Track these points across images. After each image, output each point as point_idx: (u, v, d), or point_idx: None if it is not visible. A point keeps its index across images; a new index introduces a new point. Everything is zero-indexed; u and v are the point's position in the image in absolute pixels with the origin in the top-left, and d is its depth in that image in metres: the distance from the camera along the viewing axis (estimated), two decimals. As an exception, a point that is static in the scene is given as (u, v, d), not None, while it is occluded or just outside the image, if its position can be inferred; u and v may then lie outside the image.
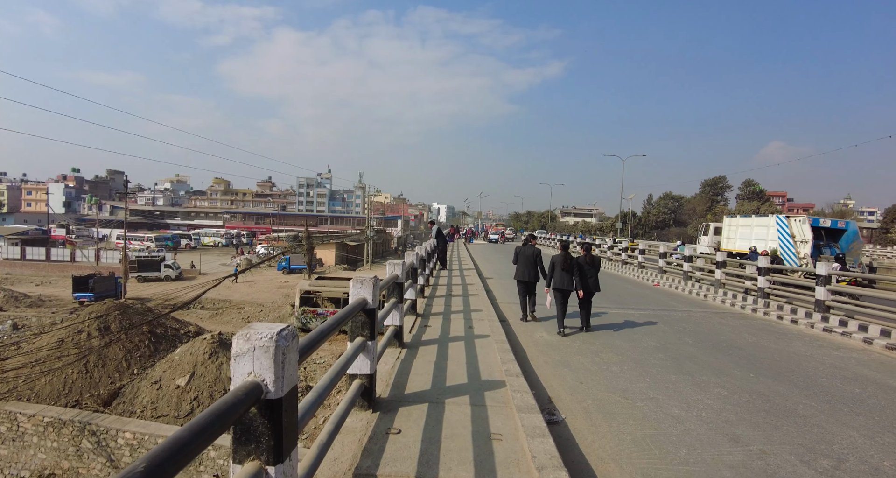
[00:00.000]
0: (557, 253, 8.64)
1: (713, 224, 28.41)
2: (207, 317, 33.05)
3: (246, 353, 1.82)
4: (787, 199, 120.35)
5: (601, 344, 7.64)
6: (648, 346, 7.71)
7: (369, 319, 3.66)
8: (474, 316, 8.12)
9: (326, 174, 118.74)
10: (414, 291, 7.54)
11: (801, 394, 5.66)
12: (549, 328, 8.50)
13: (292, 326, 1.96)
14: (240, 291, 42.09)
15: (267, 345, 1.80)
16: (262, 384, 1.80)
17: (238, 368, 1.83)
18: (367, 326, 3.65)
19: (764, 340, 8.65)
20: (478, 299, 10.11)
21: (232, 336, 18.45)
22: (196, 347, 16.93)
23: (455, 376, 4.88)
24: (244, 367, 1.83)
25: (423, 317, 7.80)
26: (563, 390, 5.41)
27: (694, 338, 8.47)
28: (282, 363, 1.83)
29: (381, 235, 58.42)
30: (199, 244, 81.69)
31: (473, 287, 12.21)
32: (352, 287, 3.65)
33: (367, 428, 3.50)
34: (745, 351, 7.72)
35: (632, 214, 79.48)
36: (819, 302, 10.15)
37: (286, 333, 1.87)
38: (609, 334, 8.38)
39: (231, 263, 55.49)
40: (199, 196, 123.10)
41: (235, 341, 1.83)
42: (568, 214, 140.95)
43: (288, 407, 1.87)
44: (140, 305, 23.01)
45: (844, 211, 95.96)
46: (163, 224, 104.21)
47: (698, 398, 5.33)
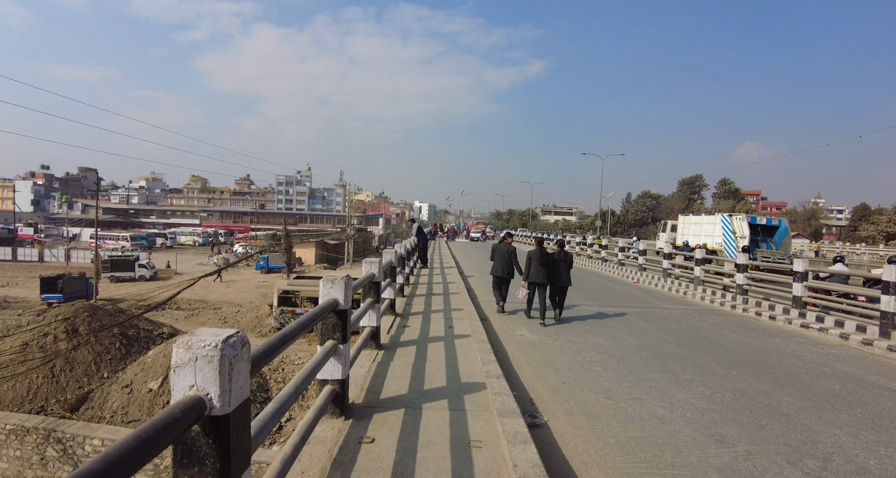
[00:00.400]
0: (533, 248, 9.20)
1: (670, 222, 30.77)
2: (183, 317, 32.26)
3: (187, 363, 1.59)
4: (762, 197, 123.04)
5: (583, 342, 7.53)
6: (631, 344, 7.63)
7: (341, 322, 3.43)
8: (455, 315, 7.94)
9: (306, 172, 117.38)
10: (392, 290, 7.32)
11: (784, 391, 5.61)
12: (531, 327, 8.37)
13: (242, 332, 1.73)
14: (217, 290, 41.25)
15: (211, 354, 1.58)
16: (206, 399, 1.58)
17: (178, 380, 1.60)
18: (338, 329, 3.43)
19: (744, 336, 8.65)
20: (458, 298, 9.93)
21: None
22: (170, 349, 16.41)
23: (434, 378, 4.68)
24: (185, 379, 1.59)
25: (403, 317, 7.59)
26: (546, 391, 5.26)
27: (676, 335, 8.43)
28: (228, 375, 1.60)
29: (362, 233, 57.89)
30: (175, 243, 80.00)
31: (454, 285, 12.03)
32: (322, 287, 3.42)
33: (338, 437, 3.28)
34: (726, 348, 7.68)
35: (611, 212, 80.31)
36: (796, 298, 10.22)
37: (234, 341, 1.65)
38: (591, 333, 8.28)
39: (208, 262, 54.39)
40: (176, 194, 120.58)
41: (175, 350, 1.60)
42: (549, 213, 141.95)
43: (237, 424, 1.65)
44: (111, 307, 22.30)
45: (815, 209, 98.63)
46: (137, 223, 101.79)
47: (682, 398, 5.23)
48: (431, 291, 10.68)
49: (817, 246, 45.23)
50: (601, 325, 9.00)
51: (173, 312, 33.78)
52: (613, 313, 10.30)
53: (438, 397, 4.17)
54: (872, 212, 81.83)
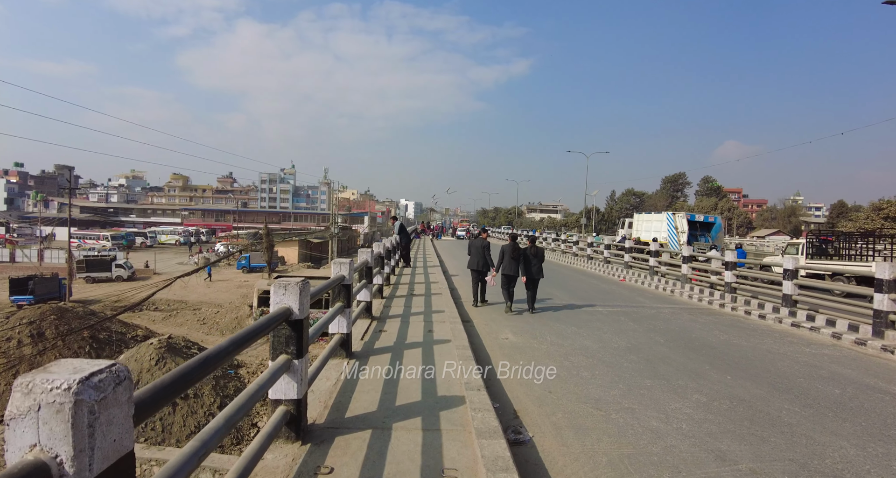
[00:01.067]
0: (507, 243, 9.95)
1: (628, 219, 34.80)
2: (161, 319, 31.38)
3: (26, 414, 1.13)
4: (743, 195, 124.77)
5: (570, 346, 7.15)
6: (620, 346, 7.28)
7: (295, 333, 2.98)
8: (435, 318, 7.51)
9: (290, 170, 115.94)
10: (368, 292, 6.87)
11: (783, 398, 5.28)
12: (516, 329, 7.98)
13: (119, 365, 1.28)
14: (197, 291, 40.35)
15: (60, 401, 1.13)
16: (55, 463, 1.13)
17: (15, 438, 1.14)
18: (292, 342, 2.98)
19: (735, 337, 8.36)
20: (441, 299, 9.50)
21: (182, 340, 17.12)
22: (141, 354, 15.74)
23: (408, 392, 4.25)
24: (24, 437, 1.14)
25: (380, 320, 7.13)
26: (531, 402, 4.86)
27: (665, 337, 8.10)
28: (89, 428, 1.16)
29: (346, 231, 57.14)
30: (155, 243, 78.44)
31: (437, 285, 11.61)
32: (273, 294, 2.97)
33: (290, 467, 2.84)
34: (718, 350, 7.37)
35: (595, 210, 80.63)
36: (786, 297, 9.99)
37: (100, 380, 1.19)
38: (579, 335, 7.91)
39: (188, 262, 53.29)
40: (156, 192, 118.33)
41: (13, 396, 1.15)
42: (534, 211, 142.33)
43: None
44: (81, 309, 21.46)
45: (795, 207, 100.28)
46: (117, 222, 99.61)
47: (677, 407, 4.87)
48: (413, 292, 10.24)
49: (799, 243, 45.55)
50: (589, 326, 8.64)
51: (151, 314, 32.88)
52: (601, 313, 9.96)
53: (412, 414, 3.74)
54: (850, 209, 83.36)
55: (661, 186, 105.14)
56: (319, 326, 4.04)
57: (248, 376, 17.59)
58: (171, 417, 14.26)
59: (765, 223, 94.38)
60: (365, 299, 6.80)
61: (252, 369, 17.98)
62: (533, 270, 9.73)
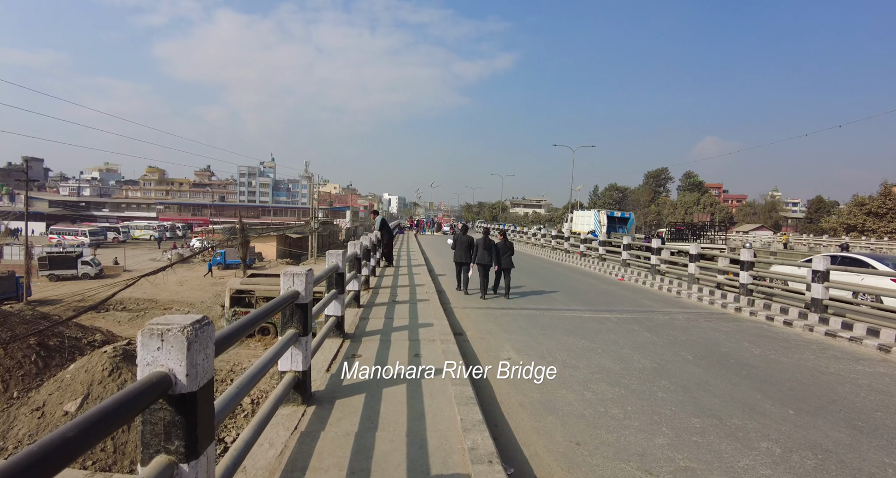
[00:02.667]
0: (479, 237, 11.01)
1: (570, 215, 42.01)
2: (127, 320, 29.51)
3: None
4: (723, 190, 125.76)
5: (586, 368, 5.90)
6: (644, 367, 6.06)
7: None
8: (423, 334, 6.18)
9: (270, 163, 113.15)
10: (339, 304, 5.50)
11: (873, 445, 4.10)
12: (518, 345, 6.69)
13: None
14: (169, 289, 38.40)
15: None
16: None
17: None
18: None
19: (771, 351, 7.21)
20: (428, 307, 8.18)
21: None
22: (93, 363, 14.14)
23: (385, 466, 2.92)
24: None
25: (354, 340, 5.77)
26: (555, 461, 3.59)
27: (692, 352, 6.91)
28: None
29: (327, 226, 55.37)
30: (129, 238, 75.53)
31: (423, 289, 10.29)
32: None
33: None
34: (758, 370, 6.20)
35: (579, 205, 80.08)
36: (816, 301, 8.90)
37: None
38: (592, 351, 6.67)
39: (161, 258, 51.00)
40: (131, 186, 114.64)
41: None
42: (518, 205, 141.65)
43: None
44: (30, 312, 19.64)
45: (775, 202, 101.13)
46: (88, 216, 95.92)
47: (748, 465, 3.64)
48: (396, 298, 8.89)
49: (786, 238, 45.31)
50: (601, 339, 7.41)
51: (117, 314, 31.01)
52: (610, 321, 8.75)
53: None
54: (827, 204, 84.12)
55: (644, 181, 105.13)
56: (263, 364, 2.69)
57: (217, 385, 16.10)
58: (125, 434, 12.73)
59: (746, 218, 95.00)
60: (335, 314, 5.44)
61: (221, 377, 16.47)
62: (504, 260, 10.79)
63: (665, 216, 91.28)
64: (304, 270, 3.66)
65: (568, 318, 8.99)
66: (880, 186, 60.10)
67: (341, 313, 5.49)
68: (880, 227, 56.28)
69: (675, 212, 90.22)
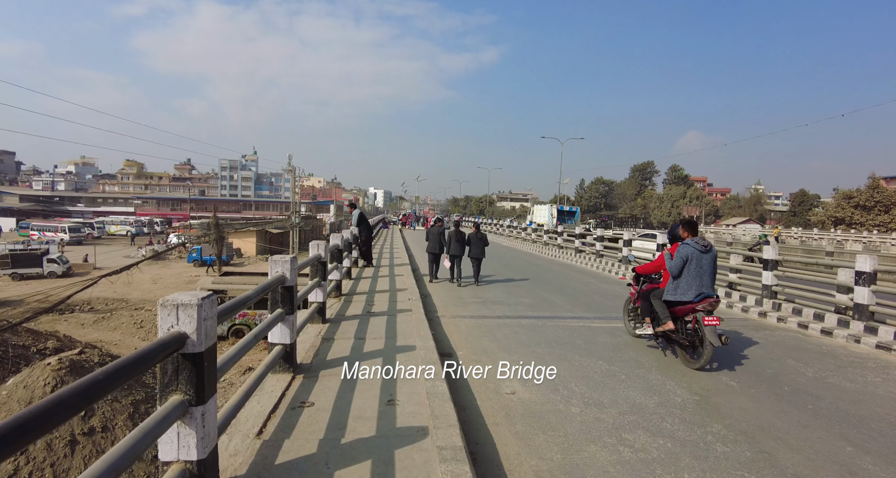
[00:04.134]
0: (451, 229, 11.58)
1: (533, 208, 50.91)
2: (92, 322, 27.69)
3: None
4: (708, 183, 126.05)
5: (612, 403, 4.57)
6: (684, 400, 4.75)
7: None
8: (401, 365, 4.75)
9: (252, 156, 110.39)
10: (287, 329, 4.07)
11: None
12: (524, 380, 5.30)
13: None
14: (141, 287, 36.52)
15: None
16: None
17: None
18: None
19: (824, 371, 5.96)
20: (410, 320, 6.77)
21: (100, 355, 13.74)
22: (34, 378, 12.52)
23: None
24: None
25: (309, 375, 4.30)
26: None
27: (734, 376, 5.62)
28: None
29: (309, 221, 53.53)
30: (104, 234, 72.84)
31: (405, 295, 8.89)
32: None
33: None
34: (824, 401, 4.93)
35: (566, 198, 79.16)
36: (860, 307, 7.68)
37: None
38: (615, 377, 5.35)
39: (136, 254, 48.84)
40: (108, 180, 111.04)
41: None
42: (505, 199, 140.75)
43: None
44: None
45: (759, 195, 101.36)
46: (62, 212, 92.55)
47: None
48: (371, 309, 7.46)
49: (777, 232, 44.66)
50: (622, 360, 6.09)
51: (83, 316, 29.16)
52: (623, 334, 7.44)
53: None
54: (810, 198, 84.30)
55: (630, 174, 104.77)
56: None
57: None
58: (66, 460, 11.19)
59: (731, 211, 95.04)
60: (282, 342, 4.02)
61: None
62: (475, 250, 11.45)
63: (651, 209, 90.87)
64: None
65: (574, 329, 7.67)
66: (868, 179, 60.00)
67: (289, 341, 4.04)
68: (868, 220, 56.14)
69: (661, 205, 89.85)
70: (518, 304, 9.58)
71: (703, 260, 5.86)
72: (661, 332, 6.15)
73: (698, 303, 5.71)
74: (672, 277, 5.96)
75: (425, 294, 10.09)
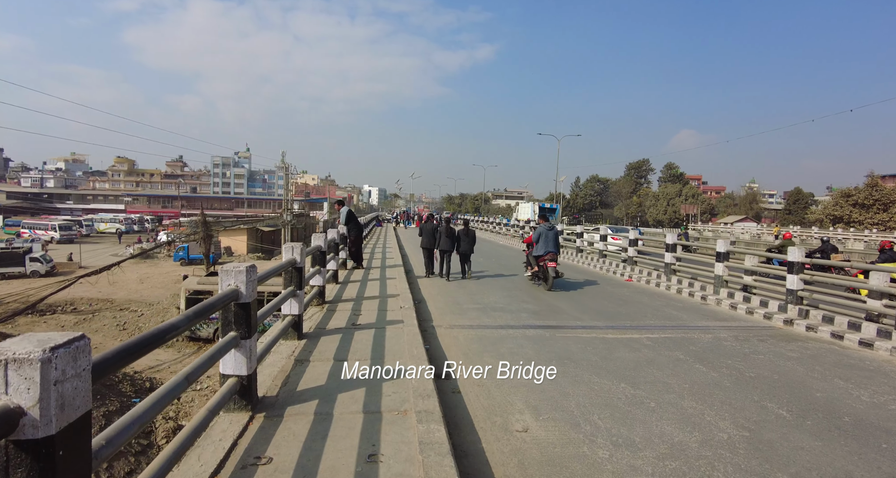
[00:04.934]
0: (442, 226, 11.93)
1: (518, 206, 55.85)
2: (73, 324, 26.63)
3: None
4: (703, 182, 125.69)
5: (646, 444, 3.73)
6: (732, 438, 3.91)
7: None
8: (389, 392, 3.90)
9: (245, 153, 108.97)
10: (244, 356, 3.20)
11: None
12: (535, 411, 4.43)
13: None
14: (127, 287, 35.50)
15: None
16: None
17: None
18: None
19: (881, 394, 5.14)
20: (401, 334, 5.90)
21: None
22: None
23: None
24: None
25: (272, 412, 3.42)
26: None
27: (777, 400, 4.80)
28: None
29: (302, 219, 52.47)
30: (93, 231, 71.50)
31: (397, 301, 8.01)
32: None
33: None
34: (894, 435, 4.11)
35: (561, 196, 78.42)
36: (904, 316, 6.89)
37: None
38: (642, 405, 4.50)
39: (124, 253, 47.70)
40: (99, 177, 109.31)
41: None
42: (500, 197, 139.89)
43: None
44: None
45: (753, 193, 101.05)
46: (51, 209, 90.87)
47: None
48: (357, 321, 6.57)
49: (777, 230, 43.97)
50: (647, 382, 5.24)
51: (64, 318, 28.07)
52: (646, 347, 6.60)
53: None
54: (805, 196, 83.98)
55: (626, 172, 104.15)
56: None
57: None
58: None
59: (727, 210, 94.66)
60: (236, 374, 3.15)
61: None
62: (464, 246, 11.92)
63: (647, 208, 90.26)
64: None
65: (587, 341, 6.83)
66: (866, 178, 59.57)
67: (247, 372, 3.18)
68: (866, 218, 55.68)
69: (657, 203, 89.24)
70: (521, 310, 8.74)
71: (548, 234, 10.77)
72: (533, 272, 11.27)
73: (545, 256, 10.65)
74: (534, 242, 10.91)
75: (419, 299, 9.23)
